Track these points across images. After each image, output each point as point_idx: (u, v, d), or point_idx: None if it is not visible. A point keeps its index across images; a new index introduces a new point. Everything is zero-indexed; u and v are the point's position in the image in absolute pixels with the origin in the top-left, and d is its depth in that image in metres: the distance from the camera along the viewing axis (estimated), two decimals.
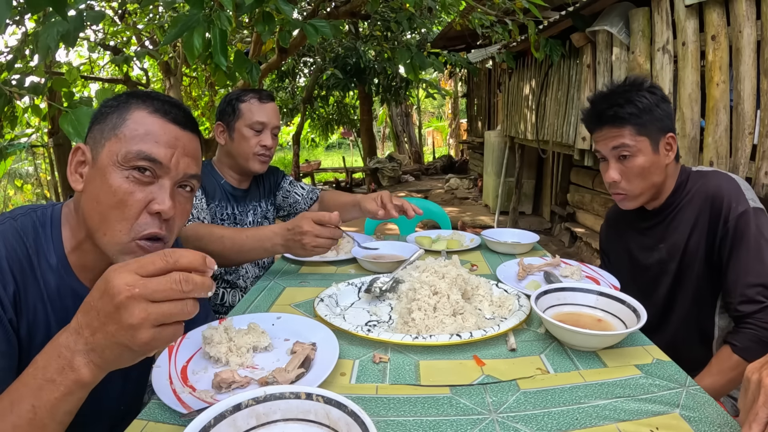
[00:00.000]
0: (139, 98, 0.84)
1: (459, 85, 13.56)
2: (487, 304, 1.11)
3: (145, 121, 0.81)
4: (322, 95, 10.77)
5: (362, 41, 7.75)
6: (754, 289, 1.09)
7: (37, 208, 0.85)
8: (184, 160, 0.84)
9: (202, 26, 1.64)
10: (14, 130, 3.20)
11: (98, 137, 0.81)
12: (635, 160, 1.21)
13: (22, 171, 8.50)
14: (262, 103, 1.63)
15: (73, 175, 0.82)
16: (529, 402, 0.75)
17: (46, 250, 0.82)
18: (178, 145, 0.83)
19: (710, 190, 1.20)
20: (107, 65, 5.53)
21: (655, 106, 1.20)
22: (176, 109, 0.85)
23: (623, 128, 1.21)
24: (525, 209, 6.41)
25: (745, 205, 1.14)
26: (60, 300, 0.82)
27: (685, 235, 1.25)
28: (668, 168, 1.25)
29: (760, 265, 1.10)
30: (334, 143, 22.27)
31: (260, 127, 1.62)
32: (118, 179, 0.79)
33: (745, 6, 2.09)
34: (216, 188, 1.66)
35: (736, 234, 1.13)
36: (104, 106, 0.84)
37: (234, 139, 1.63)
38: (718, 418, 0.70)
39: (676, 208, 1.27)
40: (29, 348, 0.77)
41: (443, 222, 2.45)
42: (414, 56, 3.20)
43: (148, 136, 0.80)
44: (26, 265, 0.78)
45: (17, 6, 1.87)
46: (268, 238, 1.33)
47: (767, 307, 1.07)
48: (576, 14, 3.31)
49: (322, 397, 0.62)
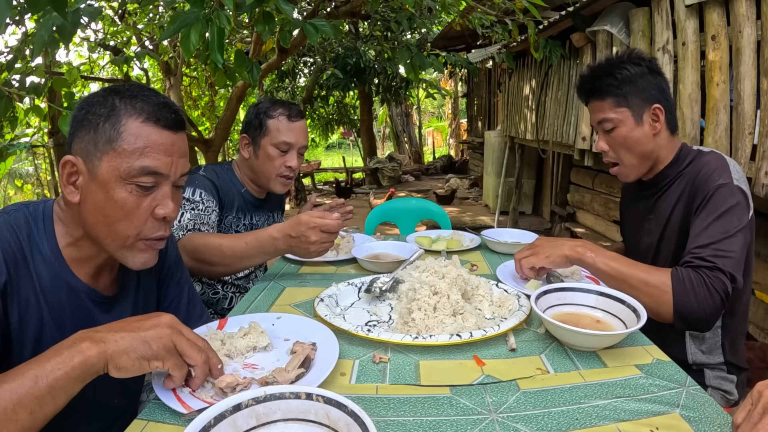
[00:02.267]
0: (125, 100, 0.82)
1: (459, 85, 13.56)
2: (487, 304, 1.11)
3: (141, 132, 0.81)
4: (322, 95, 10.76)
5: (362, 41, 7.76)
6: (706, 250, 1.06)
7: (29, 204, 0.87)
8: (179, 162, 0.86)
9: (201, 23, 1.63)
10: (14, 130, 3.20)
11: (91, 149, 0.80)
12: (618, 131, 1.24)
13: (22, 171, 8.50)
14: (291, 122, 1.56)
15: (67, 187, 0.83)
16: (529, 402, 0.75)
17: (40, 244, 0.84)
18: (174, 151, 0.85)
19: (700, 166, 1.19)
20: (107, 65, 5.52)
21: (639, 77, 1.21)
22: (166, 111, 0.84)
23: (604, 101, 1.24)
24: (525, 209, 6.41)
25: (728, 179, 1.12)
26: (53, 292, 0.84)
27: (669, 209, 1.25)
28: (658, 139, 1.24)
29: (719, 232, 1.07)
30: (334, 143, 22.28)
31: (287, 147, 1.56)
32: (123, 193, 0.81)
33: (745, 6, 2.08)
34: (235, 197, 1.61)
35: (710, 201, 1.11)
36: (89, 112, 0.82)
37: (259, 156, 1.57)
38: (718, 418, 0.70)
39: (669, 183, 1.27)
40: (21, 339, 0.80)
41: (443, 222, 2.45)
42: (414, 56, 3.19)
43: (147, 149, 0.81)
44: (20, 258, 0.80)
45: (17, 6, 1.87)
46: (270, 244, 1.29)
47: (716, 267, 1.04)
48: (576, 14, 3.31)
49: (322, 397, 0.62)
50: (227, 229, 1.60)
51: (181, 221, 1.38)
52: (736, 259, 1.05)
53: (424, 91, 8.24)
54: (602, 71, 1.24)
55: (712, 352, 1.23)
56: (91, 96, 0.84)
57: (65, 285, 0.86)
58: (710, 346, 1.23)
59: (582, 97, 1.33)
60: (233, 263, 1.33)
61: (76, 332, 0.69)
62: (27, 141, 3.80)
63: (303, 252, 1.29)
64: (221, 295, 1.67)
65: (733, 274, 1.04)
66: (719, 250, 1.05)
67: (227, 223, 1.60)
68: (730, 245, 1.05)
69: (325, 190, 10.09)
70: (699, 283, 1.03)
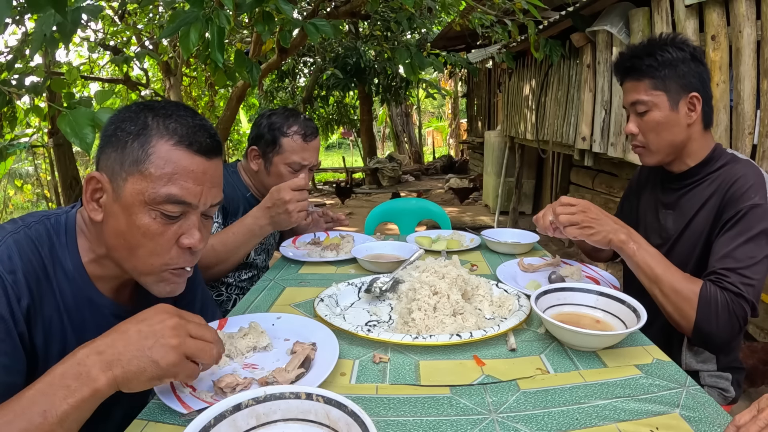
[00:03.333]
0: (159, 119, 0.77)
1: (459, 85, 13.56)
2: (487, 304, 1.11)
3: (170, 157, 0.75)
4: (322, 95, 10.76)
5: (362, 41, 7.76)
6: (733, 275, 1.04)
7: (50, 215, 0.82)
8: (211, 192, 0.81)
9: (200, 22, 1.63)
10: (14, 130, 3.20)
11: (117, 168, 0.76)
12: (651, 115, 1.18)
13: (22, 171, 8.50)
14: (306, 143, 1.55)
15: (90, 203, 0.78)
16: (529, 402, 0.75)
17: (62, 259, 0.79)
18: (205, 179, 0.79)
19: (736, 175, 1.14)
20: (107, 65, 5.53)
21: (680, 62, 1.15)
22: (201, 135, 0.78)
23: (641, 82, 1.18)
24: (525, 209, 6.41)
25: (763, 199, 1.08)
26: (77, 310, 0.81)
27: (693, 211, 1.20)
28: (691, 130, 1.19)
29: (748, 256, 1.05)
30: (334, 143, 22.27)
31: (299, 168, 1.56)
32: (146, 219, 0.76)
33: (745, 6, 2.08)
34: (240, 203, 1.60)
35: (741, 220, 1.08)
36: (119, 128, 0.77)
37: (270, 173, 1.57)
38: (718, 417, 0.70)
39: (698, 181, 1.22)
40: (46, 358, 0.77)
41: (443, 222, 2.45)
42: (413, 56, 3.20)
43: (175, 176, 0.76)
44: (42, 276, 0.76)
45: (17, 6, 1.87)
46: (254, 224, 1.34)
47: (741, 294, 1.02)
48: (576, 14, 3.31)
49: (322, 397, 0.62)
50: None
51: None
52: (759, 287, 1.05)
53: (424, 91, 8.26)
54: (643, 51, 1.18)
55: (707, 361, 1.23)
56: (124, 110, 0.80)
57: (88, 302, 0.82)
58: (706, 357, 1.23)
59: (618, 75, 1.26)
60: (229, 257, 1.34)
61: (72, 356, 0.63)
62: (27, 141, 3.80)
63: (285, 217, 1.31)
64: (225, 297, 1.67)
65: (755, 304, 1.04)
66: (745, 277, 1.03)
67: None
68: (756, 272, 1.04)
69: (325, 190, 10.09)
70: (723, 308, 1.02)
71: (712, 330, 1.03)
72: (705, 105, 1.18)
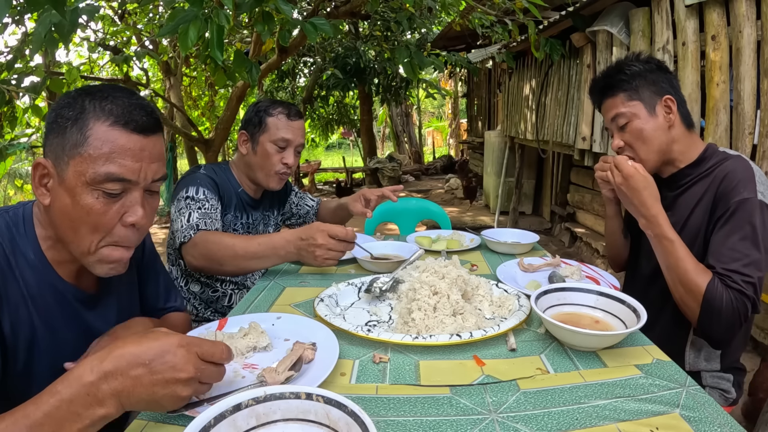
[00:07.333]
0: (95, 102, 0.79)
1: (459, 85, 13.56)
2: (487, 304, 1.11)
3: (107, 137, 0.78)
4: (322, 95, 10.76)
5: (362, 41, 7.75)
6: (735, 274, 1.06)
7: (8, 209, 0.86)
8: (151, 168, 0.83)
9: (200, 20, 1.63)
10: (14, 130, 3.20)
11: (60, 153, 0.79)
12: (632, 125, 1.23)
13: (22, 171, 8.49)
14: (290, 120, 1.60)
15: (39, 189, 0.81)
16: (529, 402, 0.75)
17: (23, 249, 0.83)
18: (144, 156, 0.81)
19: (725, 171, 1.16)
20: (107, 65, 5.52)
21: (648, 72, 1.23)
22: (137, 113, 0.80)
23: (616, 96, 1.25)
24: (525, 209, 6.41)
25: (752, 193, 1.10)
26: (41, 297, 0.84)
27: (688, 210, 1.23)
28: (674, 131, 1.23)
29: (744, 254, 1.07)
30: (334, 143, 22.26)
31: (284, 144, 1.59)
32: (89, 199, 0.79)
33: (745, 6, 2.08)
34: (233, 197, 1.64)
35: (733, 216, 1.11)
36: (59, 115, 0.79)
37: (257, 152, 1.60)
38: (718, 418, 0.70)
39: (690, 182, 1.25)
40: (14, 345, 0.80)
41: (443, 222, 2.45)
42: (413, 55, 3.19)
43: (113, 155, 0.78)
44: (5, 265, 0.80)
45: (17, 5, 1.87)
46: (282, 246, 1.31)
47: (743, 293, 1.05)
48: (576, 14, 3.31)
49: (322, 397, 0.62)
50: (227, 228, 1.62)
51: (189, 221, 1.39)
52: (759, 284, 1.07)
53: (424, 91, 8.24)
54: (613, 70, 1.27)
55: (711, 360, 1.23)
56: (63, 97, 0.81)
57: (51, 288, 0.85)
58: (710, 355, 1.23)
59: (595, 99, 1.33)
60: (243, 263, 1.33)
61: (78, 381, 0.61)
62: (27, 141, 3.80)
63: (309, 256, 1.30)
64: (221, 292, 1.67)
65: (756, 301, 1.06)
66: (746, 275, 1.06)
67: (226, 222, 1.61)
68: (755, 270, 1.06)
69: (325, 190, 10.09)
70: (727, 305, 1.05)
71: (713, 326, 1.07)
72: (680, 107, 1.24)
